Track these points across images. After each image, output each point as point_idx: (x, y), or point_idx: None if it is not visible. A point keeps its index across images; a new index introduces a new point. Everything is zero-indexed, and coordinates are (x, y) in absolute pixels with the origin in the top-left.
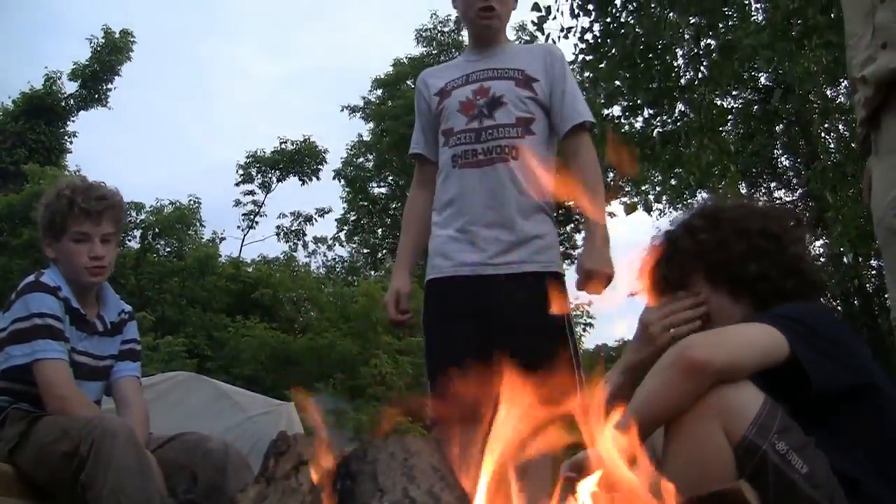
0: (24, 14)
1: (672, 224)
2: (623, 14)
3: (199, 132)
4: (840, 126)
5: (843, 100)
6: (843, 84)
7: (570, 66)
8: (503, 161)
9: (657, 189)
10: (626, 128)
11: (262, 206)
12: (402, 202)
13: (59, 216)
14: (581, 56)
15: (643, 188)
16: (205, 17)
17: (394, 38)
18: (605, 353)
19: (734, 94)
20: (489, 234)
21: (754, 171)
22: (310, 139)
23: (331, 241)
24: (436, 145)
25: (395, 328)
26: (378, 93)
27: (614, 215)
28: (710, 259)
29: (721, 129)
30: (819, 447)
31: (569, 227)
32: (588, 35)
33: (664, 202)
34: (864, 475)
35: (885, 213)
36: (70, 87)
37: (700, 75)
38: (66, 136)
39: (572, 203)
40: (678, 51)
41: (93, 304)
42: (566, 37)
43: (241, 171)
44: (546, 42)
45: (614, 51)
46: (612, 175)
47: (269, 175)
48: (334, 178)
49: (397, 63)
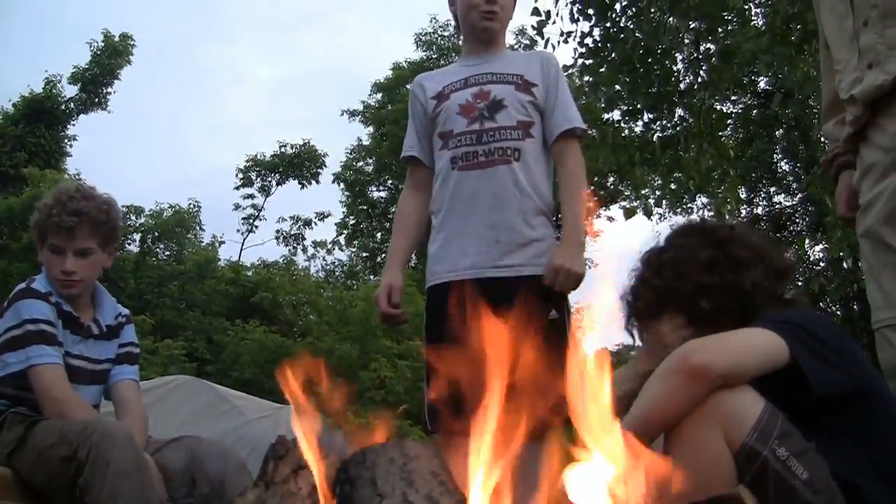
0: (25, 18)
1: (632, 267)
2: (623, 18)
3: (198, 136)
4: None
5: None
6: None
7: (570, 71)
8: (504, 163)
9: (657, 193)
10: (626, 132)
11: (261, 210)
12: None
13: (38, 226)
14: (581, 60)
15: (643, 192)
16: (205, 20)
17: (393, 43)
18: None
19: (734, 98)
20: (490, 235)
21: (754, 175)
22: (309, 143)
23: (330, 245)
24: (430, 149)
25: (387, 323)
26: (378, 97)
27: (613, 219)
28: (668, 303)
29: (721, 133)
30: (819, 452)
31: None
32: (588, 39)
33: (664, 206)
34: (863, 480)
35: (873, 222)
36: (70, 91)
37: (700, 80)
38: (66, 140)
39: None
40: (678, 55)
41: (87, 308)
42: (566, 41)
43: (240, 175)
44: (546, 47)
45: (614, 55)
46: (612, 180)
47: (269, 179)
48: (334, 182)
49: (397, 67)
